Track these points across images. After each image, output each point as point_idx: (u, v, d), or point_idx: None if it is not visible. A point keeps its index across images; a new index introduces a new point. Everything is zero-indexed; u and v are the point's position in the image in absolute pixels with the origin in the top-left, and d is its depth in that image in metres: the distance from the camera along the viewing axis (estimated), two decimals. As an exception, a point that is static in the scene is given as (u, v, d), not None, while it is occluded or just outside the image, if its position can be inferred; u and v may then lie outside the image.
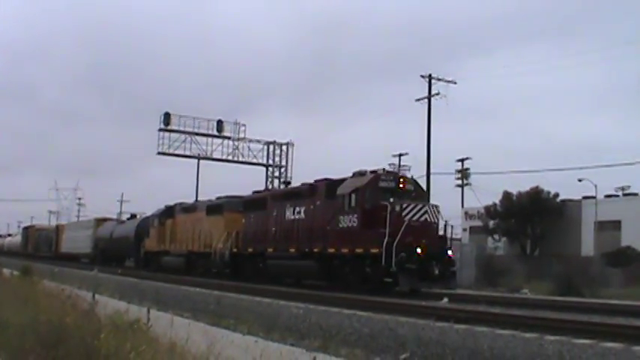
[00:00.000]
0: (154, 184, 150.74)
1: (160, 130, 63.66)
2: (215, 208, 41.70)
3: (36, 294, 17.52)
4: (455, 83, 50.48)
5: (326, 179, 31.44)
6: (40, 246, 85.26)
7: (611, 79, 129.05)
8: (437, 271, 25.90)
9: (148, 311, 11.74)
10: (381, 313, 17.98)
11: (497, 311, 17.75)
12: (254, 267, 35.69)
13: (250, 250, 36.19)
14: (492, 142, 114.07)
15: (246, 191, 41.96)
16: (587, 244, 56.63)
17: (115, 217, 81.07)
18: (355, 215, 27.84)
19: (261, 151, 67.14)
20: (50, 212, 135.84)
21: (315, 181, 32.32)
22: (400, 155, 58.27)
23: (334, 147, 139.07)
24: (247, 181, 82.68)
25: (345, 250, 28.01)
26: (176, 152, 64.88)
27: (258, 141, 67.01)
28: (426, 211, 26.85)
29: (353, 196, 28.19)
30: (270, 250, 34.09)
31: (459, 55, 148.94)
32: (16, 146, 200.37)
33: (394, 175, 29.66)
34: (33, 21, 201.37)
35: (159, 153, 64.57)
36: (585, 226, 59.06)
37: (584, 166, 75.98)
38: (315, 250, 30.01)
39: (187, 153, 64.98)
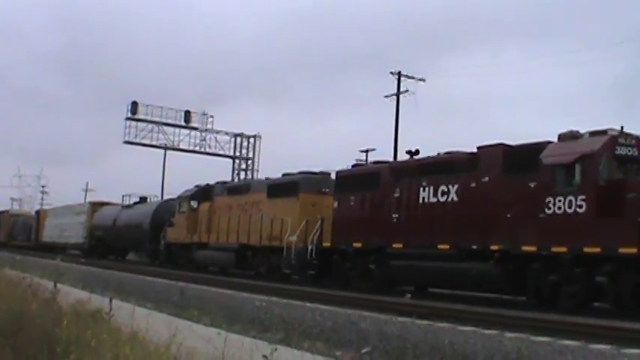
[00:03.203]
0: (119, 173, 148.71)
1: (127, 119, 63.34)
2: (284, 187, 31.97)
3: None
4: (424, 81, 50.82)
5: (501, 144, 22.02)
6: (15, 234, 75.92)
7: (585, 81, 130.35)
8: None
9: (111, 301, 11.69)
10: (344, 307, 18.07)
11: (460, 308, 17.88)
12: (361, 269, 25.95)
13: (358, 245, 26.01)
14: (463, 140, 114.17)
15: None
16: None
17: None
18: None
19: (229, 143, 66.99)
20: (12, 199, 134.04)
21: (479, 147, 22.66)
22: (367, 151, 58.30)
23: (304, 141, 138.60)
24: (214, 173, 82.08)
25: (559, 249, 19.00)
26: (143, 142, 64.62)
27: (226, 133, 66.81)
28: None
29: (577, 167, 19.11)
30: (396, 245, 24.38)
31: (437, 53, 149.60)
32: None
33: (636, 139, 19.81)
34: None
35: (125, 142, 64.26)
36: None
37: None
38: (494, 247, 20.76)
39: (154, 143, 64.76)
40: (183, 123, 64.44)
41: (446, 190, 22.83)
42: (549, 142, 20.53)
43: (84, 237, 56.71)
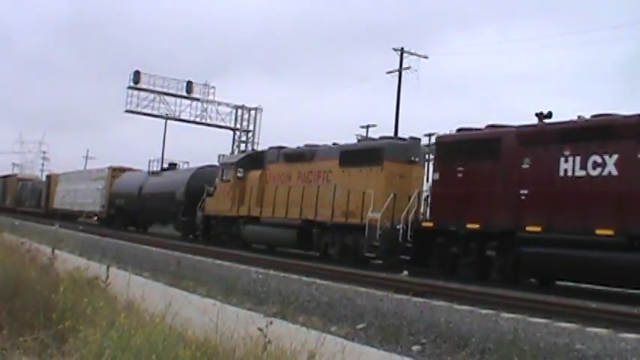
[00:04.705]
0: (120, 142, 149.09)
1: (129, 87, 63.21)
2: (363, 155, 26.88)
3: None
4: (426, 58, 50.57)
5: None
6: (23, 200, 71.42)
7: (593, 61, 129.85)
8: None
9: (108, 269, 11.67)
10: (340, 282, 18.08)
11: (456, 286, 17.87)
12: (476, 256, 21.05)
13: (474, 226, 20.98)
14: (465, 118, 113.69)
15: (211, 155, 37.85)
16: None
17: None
18: None
19: (230, 114, 66.78)
20: (14, 165, 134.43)
21: None
22: (368, 127, 58.21)
23: (305, 115, 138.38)
24: (214, 144, 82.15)
25: None
26: (144, 111, 64.51)
27: (227, 104, 66.64)
28: None
29: None
30: (531, 229, 19.27)
31: (440, 30, 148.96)
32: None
33: None
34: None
35: (127, 111, 64.14)
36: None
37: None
38: None
39: (155, 112, 64.61)
40: (184, 93, 64.30)
41: (600, 161, 18.19)
42: None
43: (102, 205, 51.35)
